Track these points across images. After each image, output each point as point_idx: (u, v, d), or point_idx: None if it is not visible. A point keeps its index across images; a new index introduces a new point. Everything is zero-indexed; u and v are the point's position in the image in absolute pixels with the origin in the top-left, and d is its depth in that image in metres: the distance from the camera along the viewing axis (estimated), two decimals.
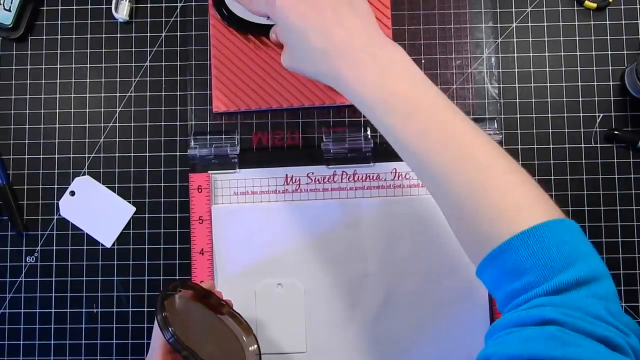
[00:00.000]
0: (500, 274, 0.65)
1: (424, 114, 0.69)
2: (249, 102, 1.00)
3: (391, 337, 0.98)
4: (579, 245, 0.64)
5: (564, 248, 0.62)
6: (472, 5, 1.02)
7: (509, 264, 0.64)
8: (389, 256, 0.98)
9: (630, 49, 1.01)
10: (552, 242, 0.62)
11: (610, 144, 1.00)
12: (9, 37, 1.04)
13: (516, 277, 0.63)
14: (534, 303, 0.61)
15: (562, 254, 0.62)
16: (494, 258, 0.65)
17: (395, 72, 0.71)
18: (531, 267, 0.62)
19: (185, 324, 0.82)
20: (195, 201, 1.00)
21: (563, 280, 0.61)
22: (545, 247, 0.62)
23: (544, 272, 0.62)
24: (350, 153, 0.99)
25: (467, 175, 0.67)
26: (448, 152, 0.68)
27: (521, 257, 0.63)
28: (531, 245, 0.62)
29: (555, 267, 0.61)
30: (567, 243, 0.63)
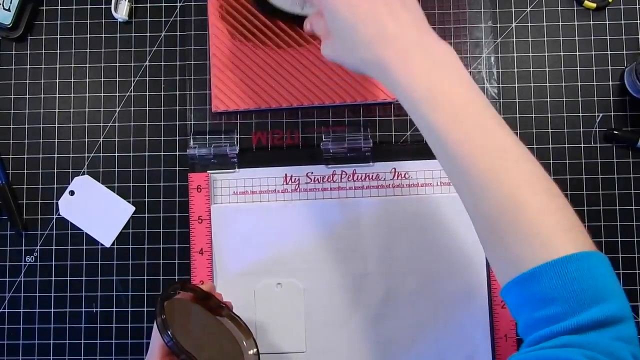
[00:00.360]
0: (526, 299, 0.63)
1: (471, 119, 0.68)
2: (249, 102, 1.00)
3: (391, 337, 0.98)
4: (609, 282, 0.62)
5: (596, 283, 0.60)
6: (471, 5, 1.02)
7: (535, 292, 0.62)
8: (389, 255, 0.98)
9: (629, 48, 1.01)
10: (584, 275, 0.60)
11: (609, 143, 1.00)
12: (9, 37, 1.04)
13: (543, 305, 0.62)
14: (560, 341, 0.59)
15: (593, 289, 0.60)
16: (522, 282, 0.63)
17: (446, 70, 0.70)
18: (559, 298, 0.60)
19: (185, 327, 0.82)
20: (194, 201, 1.00)
21: (591, 318, 0.59)
22: (577, 280, 0.60)
23: (572, 305, 0.60)
24: (350, 153, 1.00)
25: (505, 189, 0.65)
26: (489, 161, 0.66)
27: (551, 286, 0.61)
28: (562, 276, 0.60)
29: (585, 302, 0.60)
30: (598, 277, 0.61)
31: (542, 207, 0.64)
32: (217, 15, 1.01)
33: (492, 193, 0.65)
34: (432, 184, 0.99)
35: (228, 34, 1.01)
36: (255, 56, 1.00)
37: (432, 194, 0.98)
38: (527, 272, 0.62)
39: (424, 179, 0.99)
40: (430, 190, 0.99)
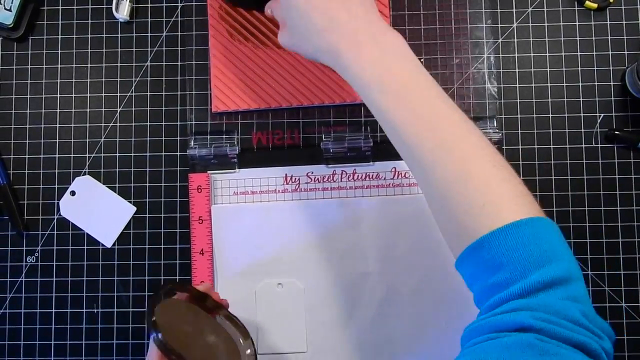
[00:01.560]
0: (478, 268, 0.66)
1: (417, 97, 0.71)
2: (249, 102, 1.00)
3: (392, 336, 0.98)
4: (556, 245, 0.64)
5: (542, 246, 0.63)
6: (472, 5, 1.02)
7: (486, 258, 0.64)
8: (389, 255, 0.98)
9: (630, 49, 1.01)
10: (531, 239, 0.63)
11: (610, 144, 1.00)
12: (10, 37, 1.04)
13: (493, 271, 0.64)
14: (510, 306, 0.61)
15: (540, 252, 0.63)
16: (473, 251, 0.66)
17: (394, 54, 0.73)
18: (508, 263, 0.63)
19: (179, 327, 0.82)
20: (195, 201, 1.00)
21: (539, 279, 0.61)
22: (523, 244, 0.63)
23: (520, 269, 0.62)
24: (350, 152, 1.00)
25: (452, 163, 0.68)
26: (436, 138, 0.69)
27: (499, 252, 0.63)
28: (509, 241, 0.63)
29: (532, 264, 0.62)
30: (544, 241, 0.64)
31: (489, 177, 0.67)
32: (216, 16, 1.01)
33: (440, 168, 0.68)
34: None
35: (228, 34, 1.01)
36: (255, 56, 1.00)
37: None
38: (477, 240, 0.65)
39: None
40: None
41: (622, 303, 0.98)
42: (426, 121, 0.70)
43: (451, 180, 0.68)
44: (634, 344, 0.97)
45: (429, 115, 0.70)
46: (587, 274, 0.98)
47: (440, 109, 0.71)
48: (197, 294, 0.88)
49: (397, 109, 0.71)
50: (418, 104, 0.71)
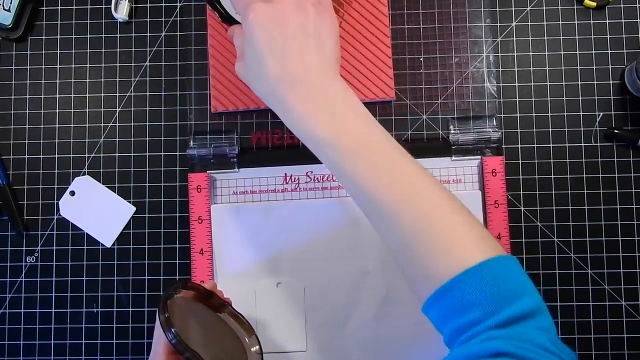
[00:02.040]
0: (448, 310, 0.67)
1: (373, 152, 0.72)
2: (248, 102, 1.00)
3: (391, 335, 0.98)
4: (521, 281, 0.67)
5: (509, 283, 0.65)
6: (471, 4, 1.02)
7: (456, 300, 0.66)
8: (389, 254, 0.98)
9: (629, 47, 1.01)
10: (497, 278, 0.65)
11: (610, 142, 1.00)
12: (9, 37, 1.04)
13: (463, 312, 0.65)
14: (484, 336, 0.63)
15: (508, 289, 0.65)
16: (441, 295, 0.67)
17: (345, 109, 0.74)
18: (478, 302, 0.64)
19: (187, 325, 0.82)
20: (194, 201, 1.00)
21: (510, 314, 0.63)
22: (491, 283, 0.64)
23: (491, 306, 0.64)
24: None
25: (414, 213, 0.69)
26: (396, 190, 0.70)
27: (468, 292, 0.65)
28: (477, 281, 0.65)
29: (501, 302, 0.64)
30: (511, 278, 0.66)
31: (453, 223, 0.69)
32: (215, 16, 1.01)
33: (404, 219, 0.69)
34: None
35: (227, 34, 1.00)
36: None
37: None
38: (445, 284, 0.66)
39: None
40: None
41: (622, 301, 0.98)
42: (385, 173, 0.71)
43: (415, 230, 0.69)
44: (633, 342, 0.97)
45: (388, 170, 0.71)
46: (586, 272, 0.98)
47: (398, 163, 0.72)
48: (203, 292, 0.89)
49: (354, 165, 0.71)
50: (376, 159, 0.71)
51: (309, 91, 0.73)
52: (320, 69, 0.75)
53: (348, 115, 0.73)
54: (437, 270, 0.67)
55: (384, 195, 0.70)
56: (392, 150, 0.72)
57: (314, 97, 0.73)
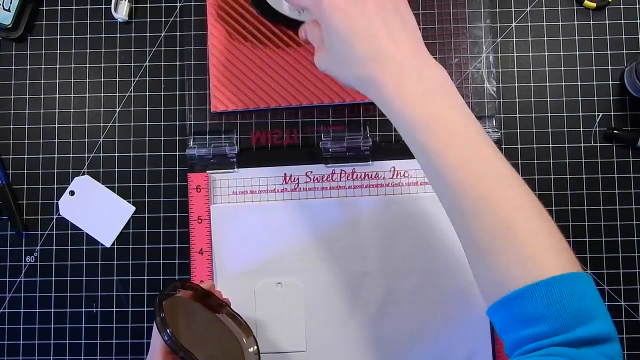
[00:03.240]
0: (514, 318, 0.65)
1: (465, 144, 0.68)
2: (247, 102, 1.00)
3: (391, 336, 0.98)
4: (595, 303, 0.64)
5: (583, 303, 0.62)
6: (471, 5, 1.02)
7: (525, 310, 0.63)
8: (388, 254, 0.98)
9: (629, 48, 1.01)
10: (572, 295, 0.62)
11: (609, 143, 1.00)
12: (9, 37, 1.04)
13: (530, 324, 0.63)
14: (547, 351, 0.61)
15: (580, 309, 0.62)
16: (510, 301, 0.65)
17: (440, 95, 0.70)
18: (548, 317, 0.62)
19: (185, 325, 0.82)
20: (194, 201, 1.00)
21: (579, 336, 0.60)
22: (564, 300, 0.62)
23: (560, 324, 0.61)
24: (349, 152, 1.00)
25: (499, 215, 0.66)
26: (484, 188, 0.67)
27: (539, 305, 0.62)
28: (551, 296, 0.62)
29: (572, 321, 0.61)
30: (586, 299, 0.63)
31: (534, 231, 0.66)
32: (215, 16, 1.01)
33: (485, 218, 0.67)
34: None
35: (226, 34, 1.01)
36: (253, 56, 1.00)
37: (431, 193, 0.98)
38: (517, 291, 0.63)
39: (423, 178, 0.99)
40: (429, 189, 0.98)
41: (621, 302, 0.98)
42: (474, 171, 0.68)
43: (495, 231, 0.66)
44: (632, 342, 0.97)
45: (478, 164, 0.68)
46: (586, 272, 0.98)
47: (489, 158, 0.69)
48: (201, 292, 0.89)
49: (444, 153, 0.68)
50: (466, 150, 0.68)
51: (401, 68, 0.70)
52: (409, 44, 0.71)
53: (443, 99, 0.70)
54: (510, 275, 0.65)
55: (468, 192, 0.67)
56: (483, 146, 0.69)
57: (408, 74, 0.70)
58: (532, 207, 0.67)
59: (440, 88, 0.71)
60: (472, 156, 0.68)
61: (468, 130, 0.69)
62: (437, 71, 0.72)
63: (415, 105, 0.69)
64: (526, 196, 0.68)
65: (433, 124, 0.69)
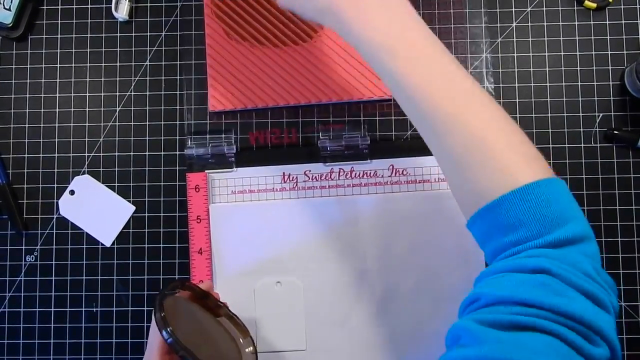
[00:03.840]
0: (494, 227, 0.66)
1: (430, 62, 0.69)
2: (245, 101, 1.00)
3: (391, 333, 0.98)
4: (570, 206, 0.65)
5: (558, 206, 0.64)
6: (471, 5, 1.02)
7: (503, 218, 0.65)
8: (388, 253, 0.98)
9: (629, 48, 1.01)
10: (547, 200, 0.63)
11: (609, 143, 1.00)
12: (9, 36, 1.04)
13: (510, 230, 0.64)
14: (527, 253, 0.63)
15: (557, 212, 0.63)
16: (488, 210, 0.66)
17: (403, 19, 0.71)
18: (526, 222, 0.63)
19: (183, 325, 0.82)
20: (192, 200, 1.00)
21: (556, 237, 0.62)
22: (541, 204, 0.63)
23: (538, 227, 0.63)
24: (348, 150, 1.00)
25: (469, 128, 0.67)
26: (451, 103, 0.68)
27: (517, 211, 0.64)
28: (527, 202, 0.63)
29: (549, 224, 0.63)
30: (560, 202, 0.64)
31: (506, 142, 0.67)
32: (212, 15, 1.01)
33: (458, 134, 0.68)
34: (429, 180, 0.99)
35: (224, 34, 1.01)
36: (251, 55, 1.01)
37: (429, 190, 0.98)
38: (494, 200, 0.65)
39: (422, 176, 0.99)
40: (428, 187, 0.99)
41: (622, 302, 0.98)
42: (440, 85, 0.69)
43: (469, 146, 0.67)
44: (632, 342, 0.97)
45: (443, 79, 0.69)
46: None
47: (456, 76, 0.70)
48: (199, 293, 0.89)
49: (410, 74, 0.69)
50: (430, 67, 0.69)
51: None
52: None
53: (406, 22, 0.71)
54: (486, 186, 0.66)
55: (438, 110, 0.68)
56: (449, 63, 0.70)
57: (371, 3, 0.71)
58: (501, 119, 0.69)
59: (401, 11, 0.72)
60: (439, 74, 0.69)
61: (433, 50, 0.71)
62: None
63: (379, 30, 0.70)
64: (495, 109, 0.69)
65: (397, 46, 0.70)
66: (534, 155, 0.67)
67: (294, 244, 0.99)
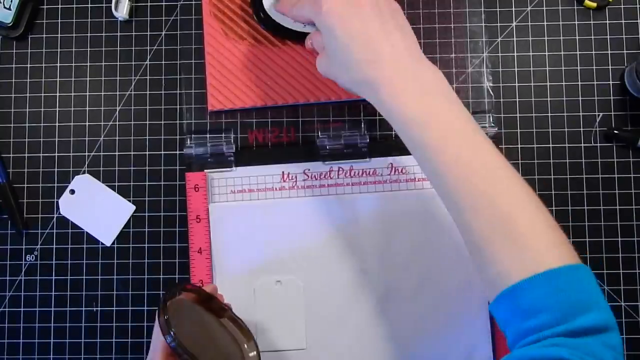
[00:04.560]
0: (515, 310, 0.66)
1: (460, 140, 0.70)
2: (245, 100, 1.00)
3: (391, 332, 0.98)
4: (594, 293, 0.65)
5: (582, 294, 0.63)
6: (471, 5, 1.02)
7: (525, 302, 0.64)
8: (387, 252, 0.98)
9: (630, 48, 1.01)
10: (572, 286, 0.63)
11: (609, 143, 1.00)
12: (9, 36, 1.04)
13: (531, 315, 0.64)
14: (549, 342, 0.61)
15: (580, 300, 0.63)
16: (511, 294, 0.65)
17: (437, 95, 0.72)
18: (548, 308, 0.63)
19: (186, 327, 0.82)
20: (192, 200, 1.00)
21: (579, 325, 0.61)
22: (564, 291, 0.63)
23: (560, 314, 0.62)
24: (346, 149, 1.00)
25: (498, 209, 0.67)
26: (481, 182, 0.69)
27: (539, 296, 0.63)
28: (551, 287, 0.63)
29: (573, 311, 0.62)
30: (585, 290, 0.64)
31: (533, 224, 0.67)
32: (210, 14, 1.01)
33: (484, 213, 0.68)
34: None
35: (222, 33, 1.01)
36: (250, 54, 1.00)
37: (429, 189, 0.98)
38: (517, 283, 0.65)
39: (421, 174, 0.99)
40: (427, 185, 0.98)
41: (621, 302, 0.97)
42: (471, 164, 0.69)
43: (495, 225, 0.67)
44: (632, 343, 0.97)
45: (474, 159, 0.70)
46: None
47: (485, 153, 0.70)
48: (204, 295, 0.89)
49: (440, 150, 0.70)
50: (463, 145, 0.70)
51: (398, 69, 0.73)
52: (406, 47, 0.74)
53: (439, 98, 0.72)
54: (510, 269, 0.66)
55: (466, 187, 0.69)
56: (481, 143, 0.71)
57: (404, 75, 0.72)
58: (530, 201, 0.69)
59: (435, 87, 0.73)
60: (469, 151, 0.70)
61: (465, 126, 0.71)
62: (432, 71, 0.74)
63: (412, 104, 0.71)
64: (524, 191, 0.69)
65: (429, 121, 0.71)
66: (561, 240, 0.68)
67: (294, 243, 0.99)
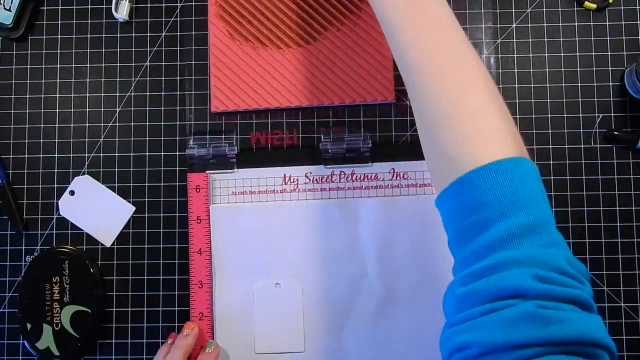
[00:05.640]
0: (458, 205, 0.65)
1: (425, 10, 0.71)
2: (248, 102, 1.00)
3: (390, 336, 0.98)
4: (536, 188, 0.64)
5: (524, 188, 0.62)
6: (471, 6, 1.02)
7: (467, 196, 0.64)
8: (388, 256, 0.98)
9: (629, 49, 1.01)
10: (513, 180, 0.62)
11: (609, 144, 1.00)
12: (9, 37, 1.04)
13: (472, 211, 0.63)
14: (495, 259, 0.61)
15: (522, 193, 0.62)
16: (455, 188, 0.65)
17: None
18: (488, 203, 0.62)
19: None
20: (193, 201, 1.00)
21: (520, 222, 0.61)
22: (505, 184, 0.62)
23: (500, 209, 0.61)
24: (349, 153, 1.00)
25: (448, 83, 0.68)
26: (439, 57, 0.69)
27: (480, 191, 0.62)
28: (491, 180, 0.62)
29: (513, 206, 0.61)
30: (526, 184, 0.63)
31: (481, 107, 0.66)
32: (216, 16, 1.01)
33: (434, 99, 0.68)
34: (430, 184, 0.99)
35: (227, 34, 1.01)
36: (254, 56, 1.00)
37: (430, 194, 0.98)
38: (460, 178, 0.64)
39: (423, 179, 0.99)
40: (429, 190, 0.99)
41: (621, 303, 0.98)
42: (431, 40, 0.70)
43: (443, 103, 0.67)
44: (632, 343, 0.97)
45: (434, 38, 0.70)
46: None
47: (445, 32, 0.71)
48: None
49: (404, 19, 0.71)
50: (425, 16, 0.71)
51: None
52: None
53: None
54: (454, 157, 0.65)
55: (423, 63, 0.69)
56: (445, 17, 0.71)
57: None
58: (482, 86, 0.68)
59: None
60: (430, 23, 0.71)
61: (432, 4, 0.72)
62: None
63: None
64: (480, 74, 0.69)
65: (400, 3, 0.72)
66: (505, 128, 0.66)
67: (294, 246, 0.99)
